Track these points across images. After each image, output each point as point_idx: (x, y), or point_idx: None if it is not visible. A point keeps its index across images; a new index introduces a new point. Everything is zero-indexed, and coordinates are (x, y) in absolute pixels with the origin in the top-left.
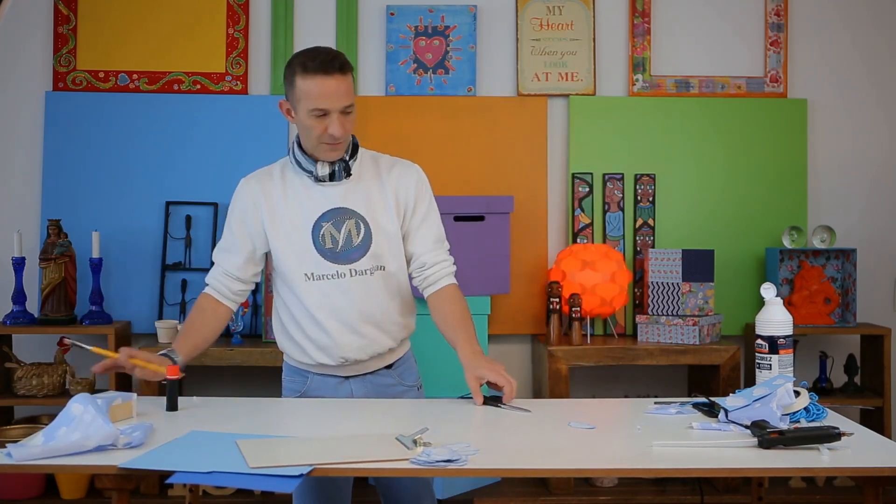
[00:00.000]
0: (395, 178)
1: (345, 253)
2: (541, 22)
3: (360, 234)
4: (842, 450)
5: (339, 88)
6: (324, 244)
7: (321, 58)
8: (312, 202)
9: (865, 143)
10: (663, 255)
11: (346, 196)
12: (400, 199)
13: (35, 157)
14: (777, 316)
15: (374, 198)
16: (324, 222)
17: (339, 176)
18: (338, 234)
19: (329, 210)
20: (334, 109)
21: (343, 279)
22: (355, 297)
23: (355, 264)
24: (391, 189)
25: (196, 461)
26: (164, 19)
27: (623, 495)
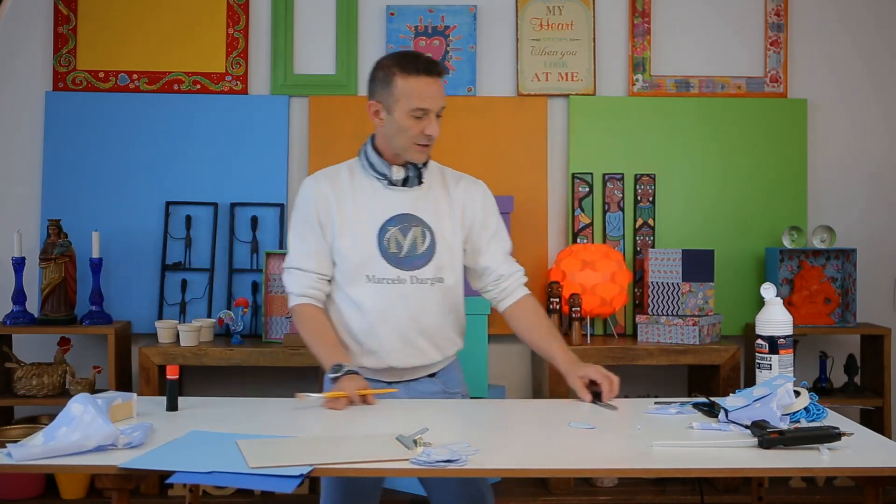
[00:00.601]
0: (462, 192)
1: (408, 259)
2: (541, 22)
3: (425, 242)
4: (842, 450)
5: (440, 90)
6: (388, 248)
7: (423, 59)
8: (381, 205)
9: (865, 143)
10: (663, 255)
11: (415, 203)
12: (466, 213)
13: (35, 157)
14: (777, 316)
15: (442, 209)
16: (390, 226)
17: (411, 182)
18: (403, 239)
19: (397, 215)
20: (434, 110)
21: (403, 285)
22: (412, 305)
23: (417, 272)
24: (458, 203)
25: (196, 461)
26: (164, 19)
27: (623, 495)
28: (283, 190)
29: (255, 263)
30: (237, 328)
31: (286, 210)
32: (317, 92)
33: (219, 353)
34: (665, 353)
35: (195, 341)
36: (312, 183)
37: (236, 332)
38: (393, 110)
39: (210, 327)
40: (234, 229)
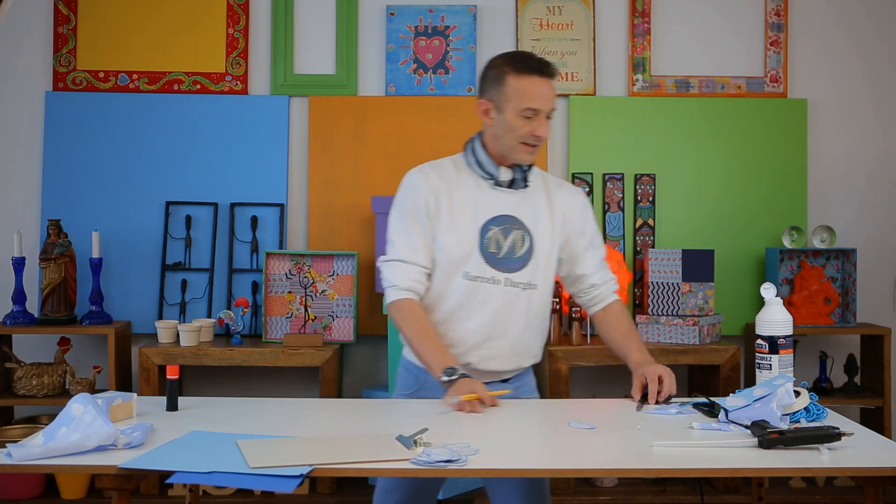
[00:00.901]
0: (563, 199)
1: (505, 261)
2: (541, 22)
3: (524, 246)
4: (842, 450)
5: (550, 91)
6: (488, 247)
7: (536, 59)
8: (485, 204)
9: (865, 143)
10: (663, 255)
11: (518, 206)
12: (566, 221)
13: (35, 157)
14: (777, 316)
15: (542, 214)
16: (493, 226)
17: (517, 184)
18: (504, 240)
19: (500, 216)
20: (544, 111)
21: (497, 285)
22: (499, 306)
23: (512, 275)
24: (559, 209)
25: (196, 461)
26: (164, 19)
27: (623, 495)
28: (283, 190)
29: (255, 263)
30: (237, 328)
31: (286, 210)
32: (317, 92)
33: (219, 353)
34: (665, 353)
35: (195, 341)
36: (419, 175)
37: (236, 332)
38: (503, 109)
39: (210, 327)
40: (234, 229)
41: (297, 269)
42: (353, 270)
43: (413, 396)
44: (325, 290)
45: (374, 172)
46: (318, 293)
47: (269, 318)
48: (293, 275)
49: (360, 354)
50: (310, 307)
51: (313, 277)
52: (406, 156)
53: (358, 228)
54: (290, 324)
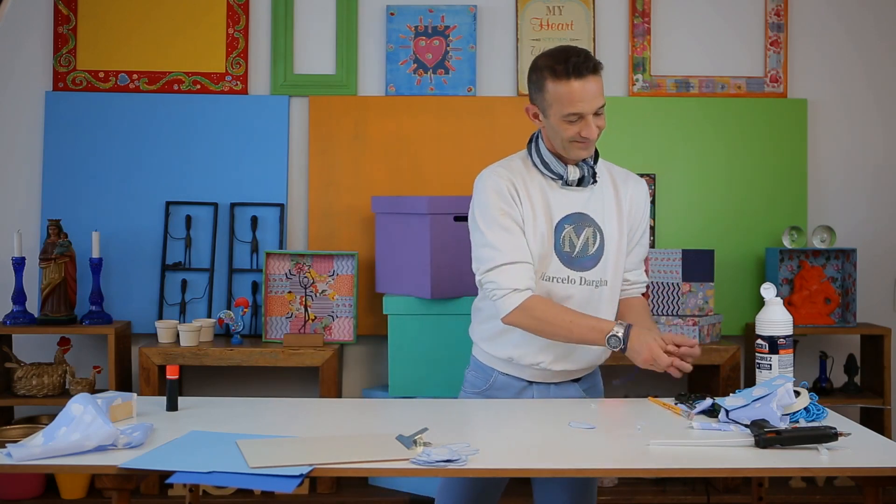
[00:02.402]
0: (632, 191)
1: (579, 260)
2: (541, 22)
3: (595, 243)
4: (842, 450)
5: (592, 91)
6: (563, 246)
7: (573, 60)
8: (557, 203)
9: (865, 143)
10: (663, 255)
11: (588, 202)
12: (633, 213)
13: (35, 157)
14: (777, 316)
15: (610, 208)
16: (566, 224)
17: (586, 182)
18: (577, 239)
19: (572, 214)
20: (588, 112)
21: (572, 285)
22: (576, 306)
23: (586, 273)
24: (627, 202)
25: (196, 461)
26: (164, 19)
27: (623, 495)
28: (283, 190)
29: (255, 263)
30: (237, 328)
31: (286, 210)
32: (317, 92)
33: (219, 353)
34: None
35: (195, 341)
36: (496, 176)
37: (236, 332)
38: (548, 115)
39: (210, 327)
40: (234, 229)
41: (297, 269)
42: (353, 270)
43: (481, 396)
44: (325, 290)
45: (374, 172)
46: (318, 293)
47: (269, 318)
48: (293, 275)
49: (360, 354)
50: (310, 307)
51: (313, 277)
52: (406, 156)
53: (358, 228)
54: (290, 324)
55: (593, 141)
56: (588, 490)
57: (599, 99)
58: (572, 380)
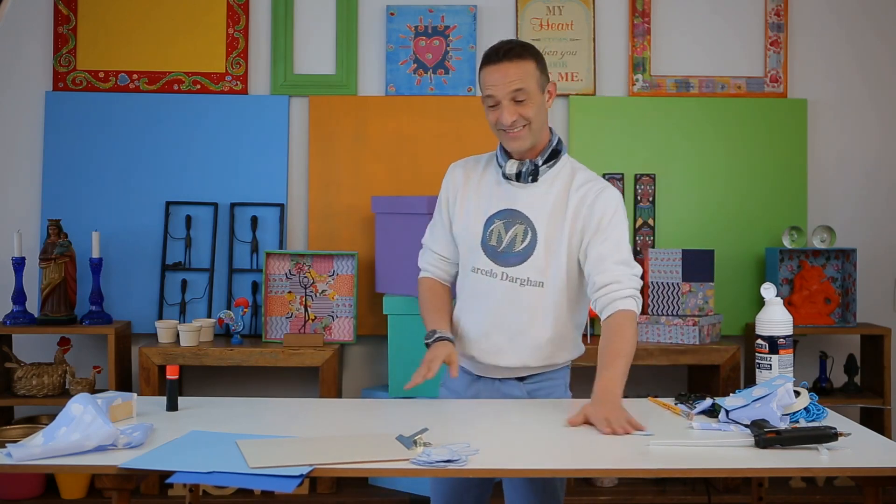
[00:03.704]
0: (582, 193)
1: (504, 255)
2: (541, 22)
3: (524, 241)
4: (841, 450)
5: (507, 75)
6: (489, 240)
7: (497, 46)
8: (494, 197)
9: (865, 143)
10: (663, 255)
11: (528, 201)
12: (579, 216)
13: (35, 157)
14: (777, 316)
15: (556, 210)
16: (496, 219)
17: (524, 178)
18: (504, 234)
19: (504, 209)
20: (501, 96)
21: (494, 279)
22: (499, 301)
23: (510, 269)
24: (574, 204)
25: (196, 461)
26: (164, 19)
27: (623, 495)
28: (283, 190)
29: (255, 263)
30: (237, 328)
31: (286, 210)
32: (317, 92)
33: (219, 353)
34: (665, 353)
35: (195, 341)
36: (450, 169)
37: (236, 332)
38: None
39: (210, 327)
40: (234, 229)
41: (297, 269)
42: (353, 270)
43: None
44: (325, 290)
45: (374, 172)
46: (318, 293)
47: (269, 318)
48: (293, 275)
49: (360, 354)
50: (310, 307)
51: (313, 277)
52: (406, 156)
53: (358, 228)
54: (290, 324)
55: (522, 130)
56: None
57: (516, 83)
58: (517, 378)
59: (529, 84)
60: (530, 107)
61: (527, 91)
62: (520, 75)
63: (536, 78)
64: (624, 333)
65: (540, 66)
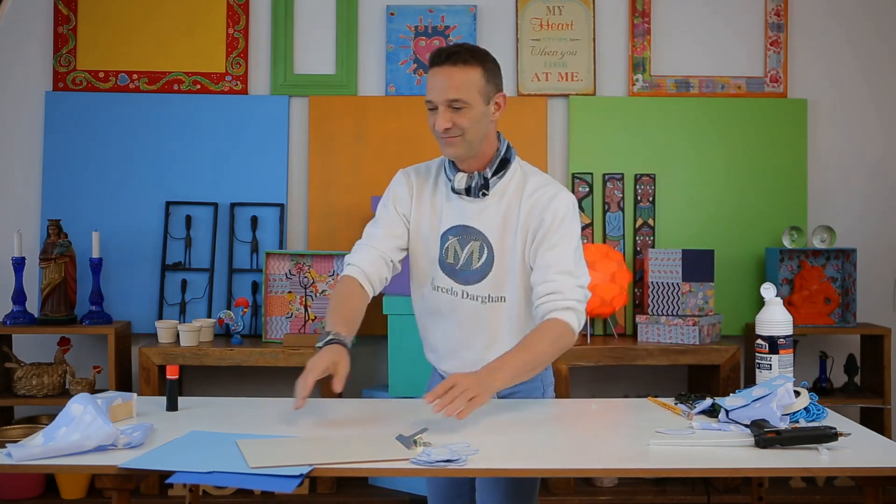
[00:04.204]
0: (532, 201)
1: (462, 273)
2: (541, 22)
3: (481, 258)
4: (841, 450)
5: (446, 80)
6: (446, 257)
7: (440, 50)
8: (447, 213)
9: (865, 143)
10: (663, 255)
11: (479, 215)
12: (529, 225)
13: (35, 157)
14: (777, 316)
15: (509, 220)
16: (451, 236)
17: (474, 192)
18: (461, 251)
19: (457, 226)
20: (438, 102)
21: (455, 297)
22: (463, 319)
23: (470, 287)
24: (525, 212)
25: (196, 461)
26: (164, 19)
27: (623, 495)
28: (283, 190)
29: (255, 263)
30: (237, 328)
31: (286, 210)
32: (317, 92)
33: (219, 353)
34: (665, 353)
35: (195, 341)
36: (401, 175)
37: (236, 332)
38: None
39: (210, 327)
40: (234, 229)
41: (297, 269)
42: None
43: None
44: (325, 290)
45: (374, 172)
46: (318, 293)
47: (269, 318)
48: (293, 275)
49: (360, 354)
50: (310, 307)
51: (313, 277)
52: (406, 156)
53: (358, 228)
54: (290, 324)
55: (454, 139)
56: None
57: (452, 92)
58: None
59: (468, 93)
60: (466, 117)
61: (464, 101)
62: (459, 83)
63: (479, 87)
64: (544, 336)
65: (487, 75)
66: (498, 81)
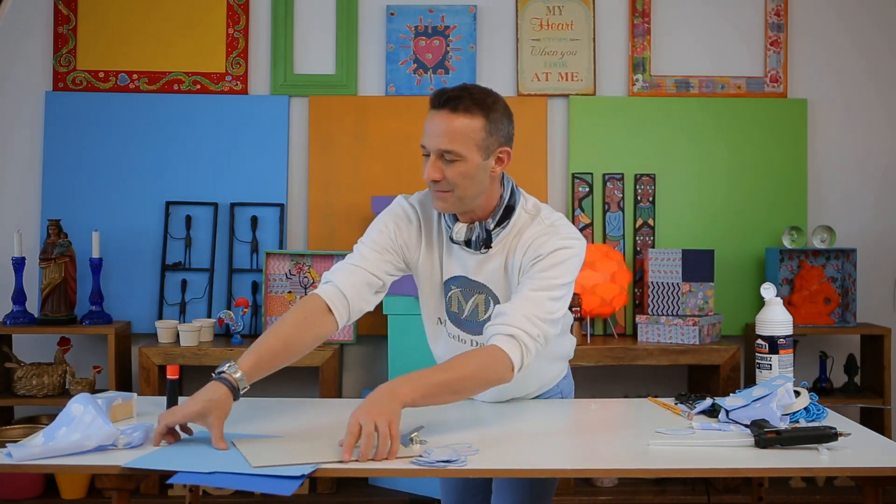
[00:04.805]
0: (529, 242)
1: (468, 323)
2: (541, 22)
3: (487, 310)
4: (841, 450)
5: (441, 128)
6: (450, 306)
7: (441, 92)
8: (448, 260)
9: (865, 143)
10: (663, 255)
11: (480, 267)
12: (524, 264)
13: (35, 157)
14: (777, 316)
15: (510, 269)
16: (453, 286)
17: (475, 246)
18: (465, 303)
19: (459, 276)
20: (430, 148)
21: (465, 344)
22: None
23: (478, 337)
24: (520, 256)
25: (198, 462)
26: (164, 19)
27: (623, 495)
28: (283, 190)
29: (255, 263)
30: (237, 328)
31: (286, 210)
32: (317, 92)
33: (219, 353)
34: (665, 353)
35: (195, 341)
36: (404, 203)
37: (236, 332)
38: None
39: (210, 327)
40: (234, 229)
41: (297, 269)
42: None
43: None
44: None
45: (374, 172)
46: None
47: (269, 318)
48: (293, 275)
49: (360, 354)
50: None
51: (313, 277)
52: (406, 156)
53: (358, 228)
54: None
55: (444, 193)
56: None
57: (447, 142)
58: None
59: (464, 146)
60: (458, 171)
61: (458, 153)
62: (456, 133)
63: (478, 140)
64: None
65: (491, 127)
66: (504, 134)
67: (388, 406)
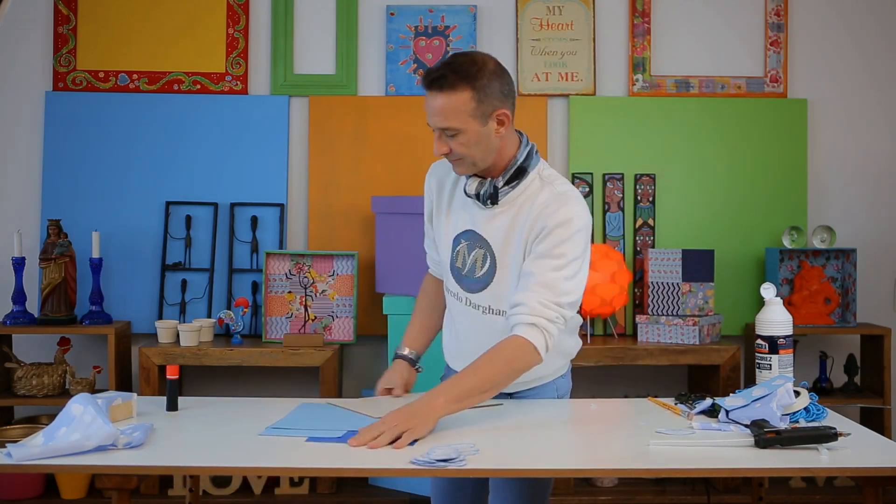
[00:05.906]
0: (539, 211)
1: (466, 279)
2: (541, 22)
3: (484, 266)
4: (841, 450)
5: (434, 108)
6: (455, 261)
7: (430, 72)
8: (460, 216)
9: (865, 143)
10: (663, 255)
11: (487, 223)
12: (531, 234)
13: (35, 157)
14: (777, 316)
15: (514, 231)
16: (462, 240)
17: (482, 200)
18: (468, 257)
19: (466, 231)
20: (434, 128)
21: (460, 303)
22: (467, 325)
23: (472, 296)
24: (529, 223)
25: (322, 429)
26: (164, 19)
27: (623, 495)
28: (283, 190)
29: (255, 263)
30: (237, 328)
31: (286, 210)
32: (317, 92)
33: (219, 353)
34: (665, 353)
35: (195, 341)
36: (429, 173)
37: (236, 332)
38: None
39: (210, 327)
40: (234, 229)
41: (297, 269)
42: (353, 270)
43: None
44: (325, 290)
45: (374, 172)
46: (318, 293)
47: (269, 318)
48: (293, 275)
49: (360, 354)
50: (310, 307)
51: (313, 277)
52: (406, 156)
53: (358, 228)
54: (290, 324)
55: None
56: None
57: (442, 120)
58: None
59: (458, 120)
60: (461, 142)
61: (455, 128)
62: (447, 110)
63: (470, 110)
64: (497, 358)
65: (479, 95)
66: (496, 97)
67: (419, 418)
